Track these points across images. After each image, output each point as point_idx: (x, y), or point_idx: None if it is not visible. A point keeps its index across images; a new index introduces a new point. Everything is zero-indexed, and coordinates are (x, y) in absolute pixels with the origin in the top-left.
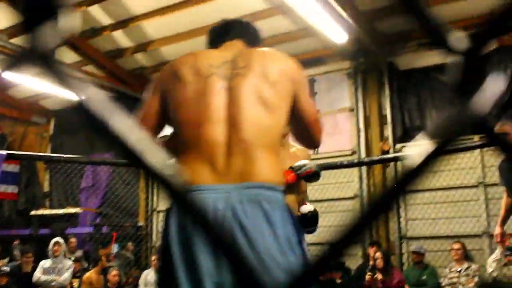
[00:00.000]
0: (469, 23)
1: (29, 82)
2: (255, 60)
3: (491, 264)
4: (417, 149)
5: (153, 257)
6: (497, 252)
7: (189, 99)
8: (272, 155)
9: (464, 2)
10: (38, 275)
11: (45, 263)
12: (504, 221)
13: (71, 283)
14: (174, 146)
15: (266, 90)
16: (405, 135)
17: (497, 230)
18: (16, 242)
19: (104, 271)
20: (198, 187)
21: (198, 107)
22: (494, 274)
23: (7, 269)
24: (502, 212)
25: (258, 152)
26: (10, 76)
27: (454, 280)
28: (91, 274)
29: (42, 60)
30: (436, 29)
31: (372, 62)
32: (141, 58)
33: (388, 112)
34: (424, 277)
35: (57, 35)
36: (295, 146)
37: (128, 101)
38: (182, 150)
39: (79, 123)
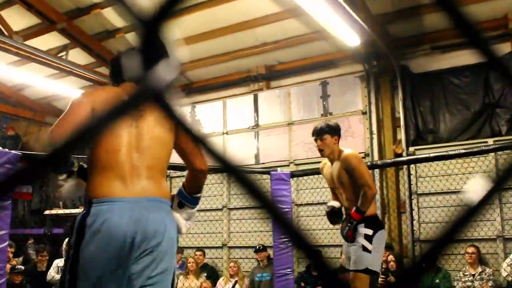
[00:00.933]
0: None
1: (42, 84)
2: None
3: (506, 268)
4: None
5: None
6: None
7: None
8: (163, 177)
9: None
10: (52, 274)
11: (59, 262)
12: None
13: None
14: (89, 164)
15: (158, 128)
16: (418, 138)
17: None
18: (30, 241)
19: None
20: (112, 199)
21: (113, 137)
22: (509, 279)
23: (21, 267)
24: None
25: (155, 175)
26: (24, 77)
27: (468, 284)
28: None
29: (160, 96)
30: (471, 29)
31: (385, 65)
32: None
33: (401, 115)
34: (437, 281)
35: (171, 72)
36: None
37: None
38: (97, 169)
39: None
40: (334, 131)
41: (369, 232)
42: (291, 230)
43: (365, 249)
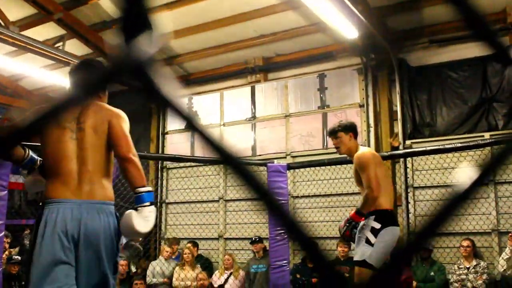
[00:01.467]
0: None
1: (39, 74)
2: (89, 116)
3: (501, 262)
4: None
5: (163, 248)
6: (507, 251)
7: (52, 142)
8: (106, 179)
9: None
10: None
11: None
12: None
13: None
14: (43, 170)
15: (95, 137)
16: (415, 131)
17: None
18: (27, 231)
19: None
20: (59, 200)
21: (58, 148)
22: (507, 273)
23: (18, 258)
24: None
25: (97, 179)
26: (20, 68)
27: (463, 276)
28: None
29: (139, 69)
30: (479, 22)
31: (382, 59)
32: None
33: (398, 108)
34: (432, 273)
35: (154, 44)
36: None
37: (138, 93)
38: (48, 175)
39: None
40: (347, 128)
41: (377, 226)
42: (287, 222)
43: (368, 241)
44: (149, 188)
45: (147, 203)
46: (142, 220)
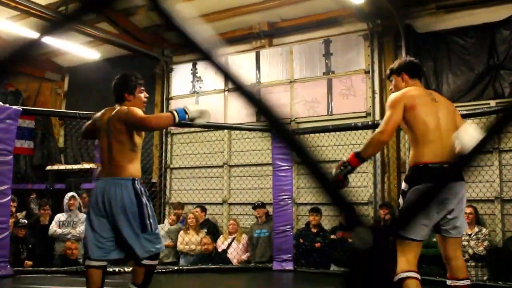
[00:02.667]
0: None
1: (42, 39)
2: (112, 118)
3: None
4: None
5: (168, 214)
6: None
7: (99, 140)
8: (128, 162)
9: None
10: (54, 228)
11: (60, 217)
12: None
13: None
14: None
15: (117, 133)
16: None
17: None
18: (33, 196)
19: None
20: (97, 178)
21: (100, 144)
22: None
23: (25, 221)
24: None
25: (119, 163)
26: (23, 32)
27: (464, 243)
28: None
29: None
30: None
31: (389, 24)
32: (155, 16)
33: None
34: (434, 239)
35: None
36: None
37: (142, 58)
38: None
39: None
40: (400, 69)
41: (405, 187)
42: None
43: (399, 207)
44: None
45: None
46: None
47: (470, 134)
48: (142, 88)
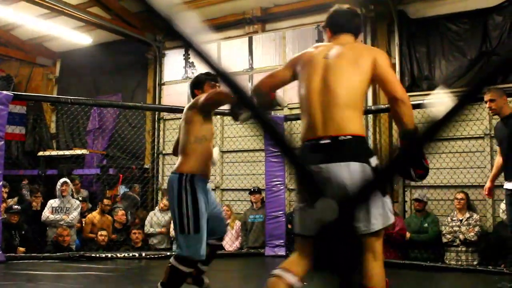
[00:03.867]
0: None
1: (33, 23)
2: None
3: (502, 215)
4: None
5: (160, 198)
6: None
7: None
8: (184, 157)
9: None
10: (46, 214)
11: (53, 203)
12: (494, 178)
13: (80, 221)
14: None
15: (183, 131)
16: (413, 84)
17: (487, 184)
18: (25, 182)
19: (109, 212)
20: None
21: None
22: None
23: (18, 207)
24: (494, 170)
25: (179, 158)
26: (14, 16)
27: (456, 228)
28: (93, 215)
29: None
30: None
31: (382, 10)
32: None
33: (396, 60)
34: (425, 225)
35: None
36: None
37: (134, 44)
38: None
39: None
40: (325, 24)
41: None
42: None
43: None
44: None
45: None
46: None
47: (440, 100)
48: (213, 83)
